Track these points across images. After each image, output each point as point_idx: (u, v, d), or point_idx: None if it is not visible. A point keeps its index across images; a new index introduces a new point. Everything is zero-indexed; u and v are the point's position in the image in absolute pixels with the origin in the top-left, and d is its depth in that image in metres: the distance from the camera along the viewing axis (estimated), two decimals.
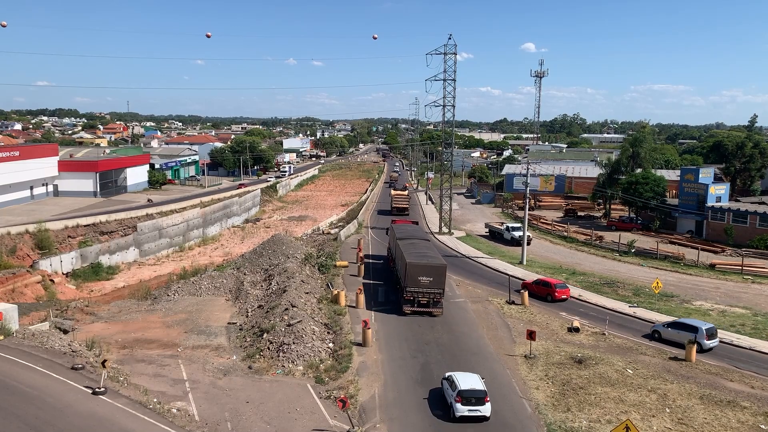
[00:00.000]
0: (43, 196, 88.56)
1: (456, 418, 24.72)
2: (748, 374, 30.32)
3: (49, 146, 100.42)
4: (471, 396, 24.90)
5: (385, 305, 41.27)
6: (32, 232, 57.27)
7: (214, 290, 44.58)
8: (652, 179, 74.05)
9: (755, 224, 63.61)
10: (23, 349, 28.52)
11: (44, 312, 37.84)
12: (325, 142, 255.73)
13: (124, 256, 64.52)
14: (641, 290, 47.11)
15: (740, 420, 24.91)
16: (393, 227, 53.99)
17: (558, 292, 43.84)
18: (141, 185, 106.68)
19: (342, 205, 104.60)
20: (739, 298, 45.40)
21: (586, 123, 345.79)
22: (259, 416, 24.48)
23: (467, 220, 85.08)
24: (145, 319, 38.05)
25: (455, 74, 70.94)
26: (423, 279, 38.87)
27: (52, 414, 22.38)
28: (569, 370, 29.98)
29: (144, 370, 29.06)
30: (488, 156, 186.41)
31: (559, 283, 45.19)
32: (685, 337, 33.58)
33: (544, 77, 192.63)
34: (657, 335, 35.89)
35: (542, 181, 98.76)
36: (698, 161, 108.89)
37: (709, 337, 33.84)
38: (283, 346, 31.35)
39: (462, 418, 24.64)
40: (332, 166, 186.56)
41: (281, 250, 51.95)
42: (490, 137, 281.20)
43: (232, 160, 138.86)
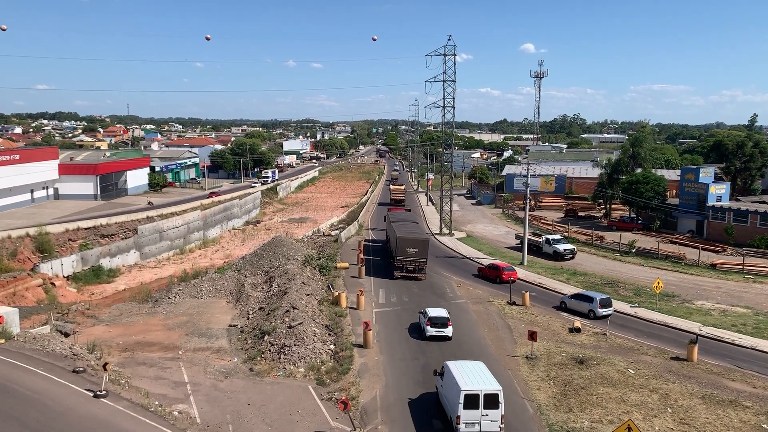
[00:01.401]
0: (43, 199, 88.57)
1: (426, 337, 34.22)
2: (749, 374, 30.27)
3: (50, 149, 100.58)
4: (437, 321, 34.48)
5: (380, 273, 50.95)
6: (33, 236, 57.25)
7: (215, 292, 44.58)
8: (652, 179, 74.02)
9: (756, 224, 63.55)
10: (24, 352, 28.51)
11: (45, 315, 37.86)
12: (325, 143, 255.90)
13: (124, 258, 64.53)
14: (642, 290, 47.06)
15: (742, 420, 24.87)
16: (389, 214, 64.99)
17: (505, 274, 48.76)
18: (141, 188, 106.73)
19: (342, 207, 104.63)
20: (740, 298, 45.35)
21: (586, 123, 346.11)
22: (261, 418, 24.45)
23: (468, 221, 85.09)
24: (146, 321, 38.04)
25: (455, 75, 71.06)
26: (410, 250, 48.71)
27: (54, 417, 22.36)
28: (571, 370, 29.95)
29: (145, 372, 29.04)
30: (488, 157, 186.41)
31: (506, 266, 50.55)
32: (584, 307, 40.25)
33: (544, 78, 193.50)
34: (564, 305, 41.88)
35: (542, 182, 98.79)
36: (698, 161, 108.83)
37: (603, 306, 39.75)
38: (284, 348, 31.33)
39: (431, 337, 34.01)
40: (332, 168, 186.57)
41: (282, 252, 51.94)
42: (490, 138, 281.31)
43: (233, 163, 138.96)
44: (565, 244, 60.32)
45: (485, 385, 23.56)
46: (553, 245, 59.97)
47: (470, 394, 22.94)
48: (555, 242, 60.52)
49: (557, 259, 58.31)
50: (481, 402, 22.96)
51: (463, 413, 22.81)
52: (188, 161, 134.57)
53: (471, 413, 22.86)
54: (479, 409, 22.94)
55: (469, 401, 22.86)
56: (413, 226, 56.35)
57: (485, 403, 22.99)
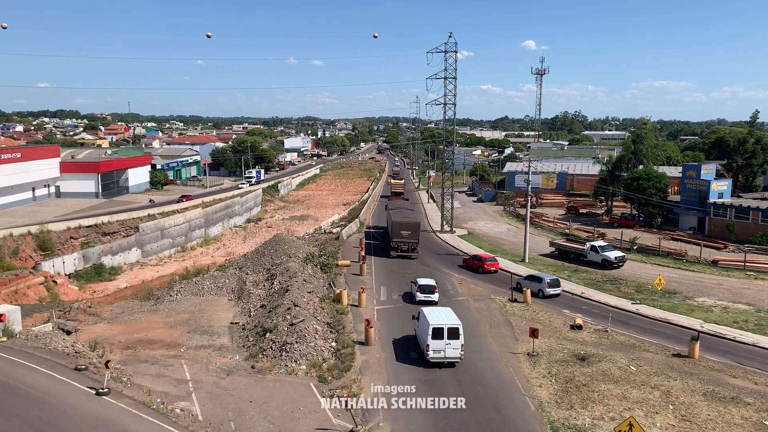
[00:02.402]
0: (45, 197, 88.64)
1: (416, 301, 39.98)
2: (751, 370, 30.26)
3: (51, 147, 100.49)
4: (426, 288, 40.98)
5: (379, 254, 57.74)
6: (34, 234, 57.33)
7: (217, 290, 44.61)
8: (653, 176, 73.95)
9: (758, 220, 63.48)
10: (26, 350, 28.58)
11: (47, 313, 37.90)
12: (327, 141, 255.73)
13: (126, 256, 64.61)
14: (644, 287, 47.05)
15: (744, 416, 24.87)
16: (388, 203, 74.24)
17: (487, 264, 51.79)
18: (143, 186, 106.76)
19: (343, 205, 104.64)
20: (742, 295, 45.32)
21: (587, 120, 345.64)
22: (263, 416, 24.49)
23: (469, 219, 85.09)
24: (148, 319, 38.09)
25: (456, 72, 70.93)
26: (404, 232, 56.28)
27: (56, 415, 22.41)
28: (572, 367, 29.95)
29: (147, 370, 29.08)
30: (489, 154, 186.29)
31: (488, 257, 53.85)
32: (534, 287, 44.34)
33: (545, 75, 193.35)
34: (519, 286, 45.22)
35: (544, 179, 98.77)
36: (700, 158, 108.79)
37: (550, 286, 44.14)
38: (285, 346, 31.36)
39: (420, 302, 39.05)
40: (333, 166, 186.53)
41: (283, 250, 51.98)
42: (491, 135, 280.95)
43: (234, 160, 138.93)
44: (614, 251, 55.33)
45: (449, 321, 30.11)
46: (601, 253, 54.46)
47: (437, 327, 29.55)
48: (603, 249, 55.04)
49: (607, 267, 53.21)
50: (445, 334, 29.48)
51: (431, 342, 29.54)
52: (189, 159, 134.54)
53: (437, 342, 29.50)
54: (444, 340, 29.53)
55: (436, 333, 29.47)
56: (408, 213, 62.91)
57: (448, 335, 29.51)
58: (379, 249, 59.59)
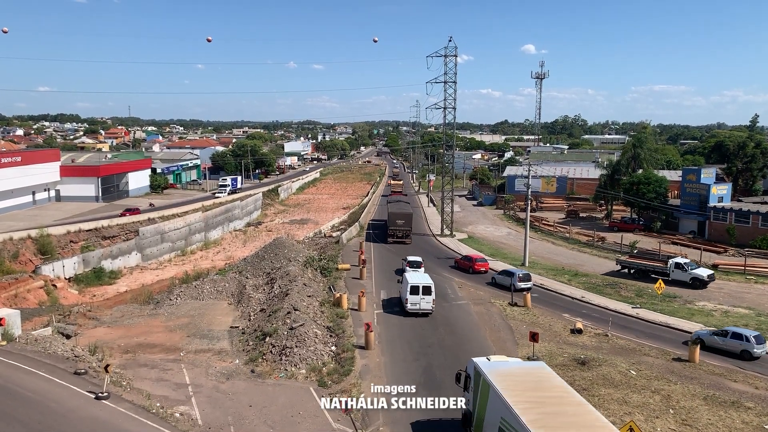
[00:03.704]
0: (45, 201, 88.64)
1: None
2: (751, 375, 30.25)
3: (51, 151, 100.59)
4: (414, 264, 49.56)
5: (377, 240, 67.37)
6: (34, 237, 57.33)
7: (217, 294, 44.59)
8: (653, 180, 73.99)
9: (758, 224, 63.49)
10: (26, 354, 28.54)
11: (47, 317, 37.89)
12: (327, 145, 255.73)
13: (126, 260, 64.57)
14: (644, 291, 47.02)
15: (744, 421, 24.82)
16: (388, 198, 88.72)
17: (477, 265, 53.37)
18: (143, 189, 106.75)
19: (343, 208, 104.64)
20: (742, 299, 45.30)
21: (587, 124, 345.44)
22: (262, 420, 24.45)
23: (469, 222, 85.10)
24: (148, 323, 38.06)
25: (456, 76, 70.98)
26: (398, 221, 65.76)
27: (55, 419, 22.38)
28: (572, 371, 29.90)
29: (147, 374, 29.05)
30: (489, 158, 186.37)
31: (479, 257, 55.63)
32: (506, 281, 46.89)
33: (545, 79, 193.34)
34: (494, 280, 49.02)
35: (544, 183, 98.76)
36: (700, 161, 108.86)
37: (521, 280, 46.39)
38: (285, 350, 31.33)
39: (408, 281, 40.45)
40: (333, 169, 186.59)
41: (283, 254, 52.00)
42: (491, 139, 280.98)
43: (234, 164, 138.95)
44: (700, 268, 50.59)
45: (423, 281, 39.11)
46: (689, 271, 49.24)
47: (414, 285, 38.58)
48: (689, 267, 49.79)
49: (697, 287, 48.20)
50: (420, 291, 38.40)
51: (409, 297, 38.50)
52: (189, 163, 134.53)
53: (414, 297, 38.47)
54: (419, 295, 38.39)
55: (413, 290, 38.47)
56: (403, 206, 72.62)
57: (423, 292, 38.39)
58: (379, 237, 69.43)
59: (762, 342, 33.41)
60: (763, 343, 33.37)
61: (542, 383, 20.42)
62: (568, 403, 18.95)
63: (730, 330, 34.52)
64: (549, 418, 17.50)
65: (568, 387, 20.69)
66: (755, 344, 32.93)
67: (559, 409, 18.48)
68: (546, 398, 19.07)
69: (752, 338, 33.26)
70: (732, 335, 33.91)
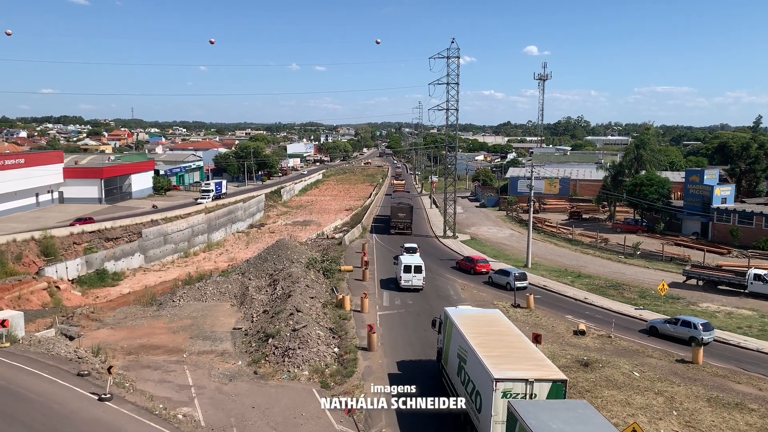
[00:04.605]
0: (48, 203, 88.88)
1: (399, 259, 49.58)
2: (755, 376, 30.15)
3: (54, 153, 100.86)
4: (409, 250, 55.64)
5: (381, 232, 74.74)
6: (37, 239, 57.45)
7: (219, 295, 44.61)
8: (656, 181, 73.91)
9: (761, 225, 63.40)
10: (29, 355, 28.56)
11: (50, 319, 37.93)
12: (329, 146, 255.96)
13: (129, 262, 64.67)
14: (647, 292, 46.94)
15: (748, 422, 24.74)
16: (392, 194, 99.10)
17: (478, 266, 53.47)
18: (146, 191, 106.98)
19: (346, 210, 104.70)
20: (746, 300, 45.16)
21: (590, 125, 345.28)
22: (265, 421, 24.45)
23: (472, 224, 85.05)
24: (151, 325, 38.09)
25: (458, 78, 71.20)
26: (400, 214, 73.21)
27: (58, 420, 22.40)
28: (575, 373, 29.83)
29: (150, 376, 29.07)
30: (492, 159, 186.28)
31: (480, 258, 55.98)
32: (503, 280, 48.10)
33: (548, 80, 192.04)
34: (490, 279, 50.03)
35: (546, 184, 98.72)
36: (703, 163, 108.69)
37: (518, 279, 46.71)
38: (288, 351, 31.31)
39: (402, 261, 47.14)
40: (336, 171, 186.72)
41: (286, 255, 52.01)
42: (493, 140, 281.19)
43: (237, 166, 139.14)
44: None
45: (415, 261, 46.46)
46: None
47: (407, 265, 45.81)
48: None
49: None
50: (412, 269, 45.44)
51: (402, 275, 45.65)
52: (192, 165, 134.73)
53: (407, 275, 45.50)
54: (411, 273, 45.38)
55: (406, 269, 45.62)
56: (404, 199, 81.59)
57: (414, 270, 45.41)
58: (383, 229, 76.21)
59: (709, 329, 35.62)
60: (710, 331, 35.60)
61: (493, 323, 26.96)
62: (508, 335, 25.40)
63: (681, 318, 36.90)
64: (490, 343, 23.38)
65: (514, 327, 26.79)
66: (702, 331, 35.04)
67: (500, 338, 24.70)
68: (492, 332, 25.33)
69: (700, 326, 35.41)
70: (682, 323, 36.31)
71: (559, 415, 17.30)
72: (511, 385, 19.90)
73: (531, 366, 21.23)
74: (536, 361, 22.07)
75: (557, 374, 20.73)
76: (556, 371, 21.15)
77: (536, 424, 16.42)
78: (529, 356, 22.71)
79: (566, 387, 20.33)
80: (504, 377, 19.94)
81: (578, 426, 16.74)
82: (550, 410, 17.97)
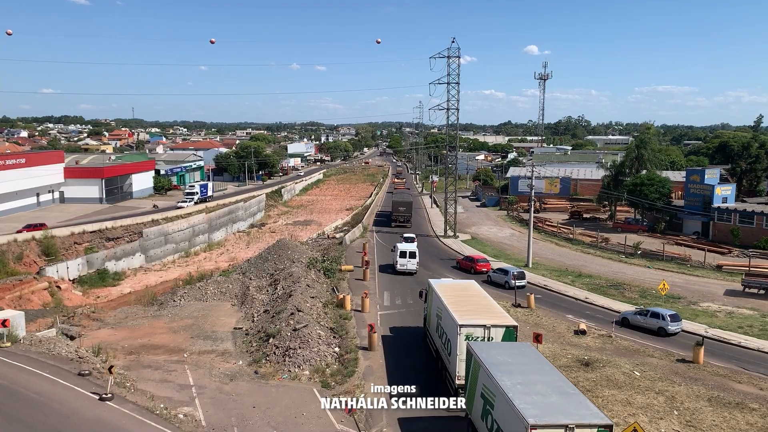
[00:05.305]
0: (49, 202, 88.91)
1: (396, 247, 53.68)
2: (756, 376, 30.15)
3: (55, 153, 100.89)
4: (408, 239, 59.98)
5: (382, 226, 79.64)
6: (38, 239, 57.49)
7: (220, 295, 44.65)
8: (657, 181, 73.85)
9: (762, 225, 63.37)
10: (30, 355, 28.60)
11: (51, 318, 37.98)
12: (330, 146, 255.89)
13: (130, 262, 64.71)
14: (648, 292, 46.94)
15: (749, 422, 24.74)
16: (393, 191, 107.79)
17: (478, 266, 53.65)
18: (146, 191, 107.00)
19: (347, 210, 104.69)
20: (746, 300, 45.15)
21: (590, 125, 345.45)
22: (266, 421, 24.47)
23: (472, 223, 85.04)
24: (152, 324, 38.12)
25: (459, 77, 71.09)
26: (400, 209, 79.05)
27: (59, 420, 22.43)
28: (576, 372, 29.84)
29: (150, 375, 29.09)
30: (493, 159, 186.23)
31: (481, 258, 56.16)
32: (502, 279, 48.60)
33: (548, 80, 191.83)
34: (489, 278, 49.87)
35: (547, 184, 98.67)
36: (704, 162, 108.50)
37: (516, 278, 46.39)
38: (289, 351, 31.32)
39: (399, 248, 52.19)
40: (337, 171, 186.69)
41: (286, 255, 52.02)
42: (494, 140, 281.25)
43: (237, 166, 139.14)
44: None
45: (410, 248, 51.90)
46: None
47: (402, 251, 51.31)
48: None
49: None
50: (407, 255, 51.02)
51: (398, 260, 51.02)
52: (193, 164, 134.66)
53: (402, 260, 50.92)
54: (407, 258, 50.92)
55: (402, 255, 51.06)
56: (405, 195, 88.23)
57: (409, 256, 51.02)
58: (385, 223, 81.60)
59: (677, 320, 37.19)
60: (678, 321, 37.14)
61: (466, 290, 32.19)
62: (476, 297, 30.84)
63: (650, 310, 38.75)
64: (460, 303, 28.48)
65: (484, 292, 32.07)
66: (670, 322, 36.76)
67: (469, 299, 29.86)
68: (464, 295, 30.51)
69: (668, 317, 37.08)
70: (651, 314, 38.05)
71: (504, 351, 22.46)
72: (472, 329, 25.22)
73: (490, 317, 26.76)
74: (495, 313, 27.61)
75: (510, 321, 26.12)
76: (510, 319, 26.52)
77: (485, 356, 21.13)
78: (490, 311, 28.20)
79: (517, 332, 25.66)
80: (466, 323, 25.36)
81: (517, 358, 21.68)
82: (498, 348, 23.32)
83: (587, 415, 16.99)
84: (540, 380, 19.38)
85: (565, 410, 17.20)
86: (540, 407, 17.10)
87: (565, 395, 18.47)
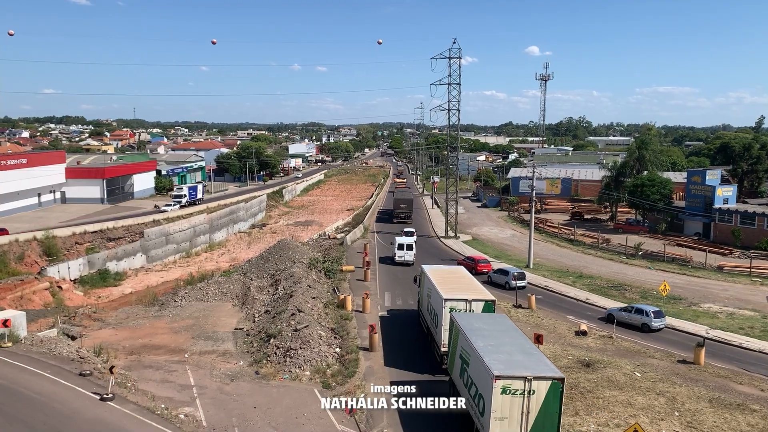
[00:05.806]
0: (50, 203, 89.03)
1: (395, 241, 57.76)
2: (757, 377, 30.12)
3: (57, 153, 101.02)
4: (408, 233, 64.45)
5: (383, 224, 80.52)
6: (40, 239, 57.54)
7: (221, 296, 44.67)
8: (658, 182, 73.78)
9: (763, 226, 63.30)
10: (31, 355, 28.62)
11: (52, 319, 38.04)
12: (331, 147, 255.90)
13: (131, 262, 64.76)
14: (649, 293, 46.90)
15: (750, 423, 24.71)
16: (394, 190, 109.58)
17: (479, 266, 52.90)
18: (148, 191, 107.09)
19: (348, 210, 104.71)
20: (747, 301, 45.13)
21: (591, 126, 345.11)
22: (267, 421, 24.48)
23: (473, 224, 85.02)
24: (153, 325, 38.15)
25: (460, 78, 71.05)
26: (401, 205, 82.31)
27: (60, 420, 22.45)
28: (577, 373, 29.82)
29: (151, 376, 29.11)
30: (494, 159, 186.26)
31: (481, 258, 55.99)
32: (502, 279, 48.45)
33: (549, 80, 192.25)
34: (489, 279, 49.44)
35: (548, 185, 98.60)
36: (705, 163, 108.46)
37: (516, 279, 46.43)
38: (289, 351, 31.34)
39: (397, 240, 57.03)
40: (338, 171, 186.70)
41: (287, 255, 52.04)
42: (495, 141, 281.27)
43: (238, 166, 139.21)
44: None
45: (408, 241, 56.02)
46: None
47: (401, 243, 55.26)
48: None
49: None
50: (405, 247, 54.67)
51: (397, 252, 54.81)
52: (194, 165, 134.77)
53: (400, 252, 54.61)
54: (404, 250, 54.50)
55: (400, 247, 54.84)
56: (406, 193, 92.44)
57: (406, 248, 54.63)
58: (387, 219, 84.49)
59: (661, 317, 37.99)
60: (661, 318, 37.96)
61: (454, 273, 36.71)
62: (463, 278, 35.26)
63: (635, 306, 39.49)
64: (447, 282, 32.30)
65: (470, 275, 36.80)
66: (653, 318, 37.54)
67: (456, 280, 34.04)
68: (451, 277, 34.46)
69: (651, 313, 37.79)
70: (635, 311, 38.81)
71: (481, 320, 26.43)
72: (456, 303, 29.15)
73: (471, 293, 30.81)
74: (477, 290, 31.70)
75: (488, 296, 30.29)
76: (489, 295, 30.61)
77: (464, 323, 24.75)
78: (472, 288, 32.13)
79: (495, 305, 29.86)
80: (450, 298, 29.31)
81: (492, 326, 25.29)
82: (477, 318, 27.39)
83: (544, 369, 20.15)
84: (508, 342, 22.96)
85: (526, 365, 20.38)
86: (505, 363, 20.40)
87: (528, 354, 21.81)
